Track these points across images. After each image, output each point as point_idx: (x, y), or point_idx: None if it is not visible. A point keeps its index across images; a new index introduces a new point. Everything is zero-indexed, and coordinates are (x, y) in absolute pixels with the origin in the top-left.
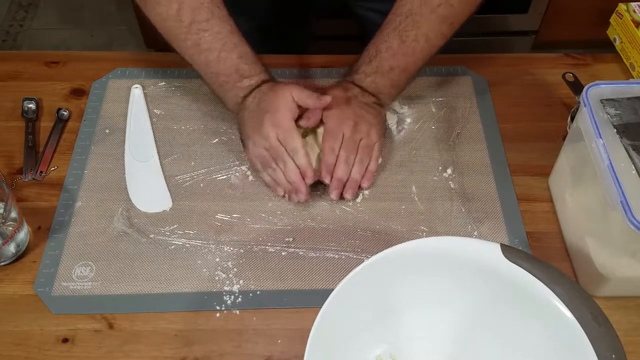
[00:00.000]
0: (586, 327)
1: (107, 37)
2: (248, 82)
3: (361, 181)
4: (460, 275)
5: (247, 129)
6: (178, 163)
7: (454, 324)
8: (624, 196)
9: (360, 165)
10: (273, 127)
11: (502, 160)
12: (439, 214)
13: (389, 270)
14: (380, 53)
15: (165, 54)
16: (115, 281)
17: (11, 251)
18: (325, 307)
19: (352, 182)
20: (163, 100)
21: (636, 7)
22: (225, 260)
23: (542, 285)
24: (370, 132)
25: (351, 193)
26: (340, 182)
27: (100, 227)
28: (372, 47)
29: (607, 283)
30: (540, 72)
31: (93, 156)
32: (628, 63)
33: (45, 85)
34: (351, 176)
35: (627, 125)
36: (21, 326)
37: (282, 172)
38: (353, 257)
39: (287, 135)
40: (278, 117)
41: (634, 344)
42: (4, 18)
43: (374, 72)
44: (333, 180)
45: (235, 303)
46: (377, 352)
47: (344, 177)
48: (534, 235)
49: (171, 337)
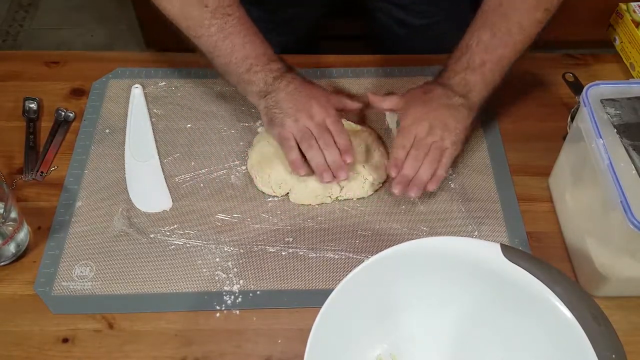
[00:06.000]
0: (586, 327)
1: (107, 37)
2: (277, 65)
3: (428, 184)
4: (460, 275)
5: (286, 108)
6: (178, 163)
7: (454, 324)
8: (624, 196)
9: (429, 166)
10: (322, 110)
11: (502, 160)
12: (439, 214)
13: (389, 270)
14: (470, 48)
15: (165, 54)
16: (115, 281)
17: (11, 251)
18: (325, 307)
19: (417, 180)
20: (163, 100)
21: (636, 7)
22: (225, 260)
23: (542, 285)
24: (444, 136)
25: (416, 191)
26: (406, 179)
27: (100, 227)
28: (462, 43)
29: (607, 283)
30: (540, 72)
31: (93, 156)
32: (628, 63)
33: (45, 85)
34: (418, 174)
35: (627, 125)
36: (21, 326)
37: (321, 151)
38: (353, 257)
39: (334, 120)
40: (325, 104)
41: (634, 344)
42: (4, 18)
43: (464, 69)
44: (399, 176)
45: (235, 303)
46: (377, 352)
47: (410, 173)
48: (534, 235)
49: (171, 337)
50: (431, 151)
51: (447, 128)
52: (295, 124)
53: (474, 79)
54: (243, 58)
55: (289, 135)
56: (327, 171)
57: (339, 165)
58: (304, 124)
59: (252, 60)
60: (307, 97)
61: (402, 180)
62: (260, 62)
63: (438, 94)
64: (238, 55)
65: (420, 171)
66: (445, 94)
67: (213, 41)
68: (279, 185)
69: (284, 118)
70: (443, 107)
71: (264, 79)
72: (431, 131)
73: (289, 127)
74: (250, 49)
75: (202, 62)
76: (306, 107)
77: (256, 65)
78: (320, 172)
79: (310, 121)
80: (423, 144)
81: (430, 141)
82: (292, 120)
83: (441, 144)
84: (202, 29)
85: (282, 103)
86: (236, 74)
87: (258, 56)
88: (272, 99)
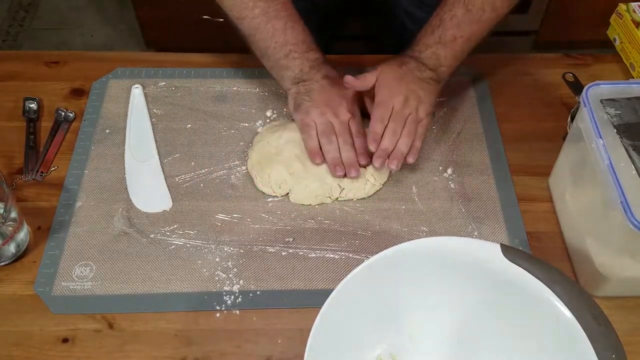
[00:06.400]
0: (586, 327)
1: (107, 37)
2: (315, 55)
3: (407, 156)
4: (460, 275)
5: (317, 100)
6: (178, 163)
7: (453, 324)
8: (624, 196)
9: (407, 138)
10: (348, 111)
11: (502, 160)
12: (439, 214)
13: (389, 270)
14: (444, 22)
15: (165, 54)
16: (115, 281)
17: (11, 251)
18: (325, 307)
19: (397, 152)
20: (163, 100)
21: (636, 7)
22: (225, 260)
23: (542, 285)
24: (419, 108)
25: (396, 164)
26: (385, 152)
27: (100, 227)
28: (435, 18)
29: (607, 283)
30: (540, 72)
31: (93, 156)
32: (628, 63)
33: (45, 85)
34: (397, 147)
35: (627, 125)
36: (21, 326)
37: (338, 147)
38: (353, 257)
39: (357, 122)
40: (354, 108)
41: (634, 344)
42: (4, 18)
43: (436, 43)
44: (378, 150)
45: (235, 303)
46: (377, 352)
47: (389, 147)
48: (534, 235)
49: (171, 337)
50: (407, 124)
51: (420, 100)
52: (320, 116)
53: (444, 54)
54: (283, 43)
55: (312, 124)
56: (340, 166)
57: (353, 163)
58: (329, 118)
59: (292, 47)
60: (338, 95)
61: (381, 154)
62: (300, 49)
63: (411, 67)
64: (278, 40)
65: (399, 144)
66: (417, 67)
67: (255, 24)
68: (279, 186)
69: (311, 107)
70: (416, 79)
71: (301, 66)
72: (406, 103)
73: (314, 116)
74: (290, 35)
75: (202, 62)
76: (335, 103)
77: (295, 51)
78: (333, 165)
79: (336, 118)
80: (400, 116)
81: (407, 113)
82: (318, 112)
83: (416, 115)
84: (246, 11)
85: (313, 93)
86: (274, 59)
87: (298, 43)
88: (304, 86)
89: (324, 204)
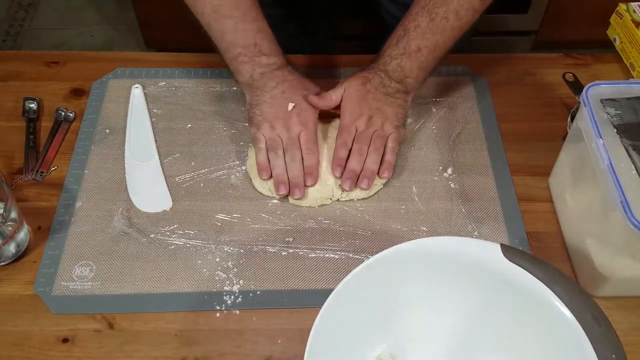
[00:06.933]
0: (586, 327)
1: (107, 37)
2: (267, 61)
3: (380, 171)
4: (460, 275)
5: (267, 113)
6: (178, 163)
7: (454, 324)
8: (624, 196)
9: (375, 155)
10: (299, 124)
11: (502, 160)
12: (439, 214)
13: (389, 270)
14: (408, 32)
15: (165, 54)
16: (115, 281)
17: (11, 251)
18: (325, 307)
19: (366, 171)
20: (163, 100)
21: (636, 7)
22: (225, 260)
23: (542, 285)
24: (384, 124)
25: (366, 182)
26: (354, 173)
27: (100, 227)
28: (400, 27)
29: (607, 283)
30: (540, 72)
31: (93, 156)
32: (628, 63)
33: (45, 85)
34: (365, 165)
35: (627, 125)
36: (21, 326)
37: (285, 163)
38: (353, 257)
39: (309, 137)
40: (306, 117)
41: (634, 344)
42: (4, 18)
43: (400, 54)
44: (346, 171)
45: (235, 303)
46: (377, 352)
47: (357, 167)
48: (534, 235)
49: (171, 337)
50: (373, 140)
51: (386, 116)
52: (270, 130)
53: (409, 65)
54: (232, 45)
55: (261, 138)
56: (284, 184)
57: (298, 184)
58: (279, 132)
59: (241, 50)
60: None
61: (349, 175)
62: (249, 53)
63: (375, 84)
64: (228, 40)
65: (367, 162)
66: (381, 82)
67: (207, 22)
68: None
69: (262, 121)
70: (380, 96)
71: (251, 72)
72: (370, 122)
73: (264, 131)
74: (240, 37)
75: (203, 62)
76: (286, 116)
77: (244, 55)
78: (277, 183)
79: (286, 132)
80: (364, 135)
81: (372, 132)
82: (268, 126)
83: (382, 131)
84: (203, 7)
85: (263, 106)
86: (226, 59)
87: (247, 46)
88: (256, 98)
89: (324, 204)
